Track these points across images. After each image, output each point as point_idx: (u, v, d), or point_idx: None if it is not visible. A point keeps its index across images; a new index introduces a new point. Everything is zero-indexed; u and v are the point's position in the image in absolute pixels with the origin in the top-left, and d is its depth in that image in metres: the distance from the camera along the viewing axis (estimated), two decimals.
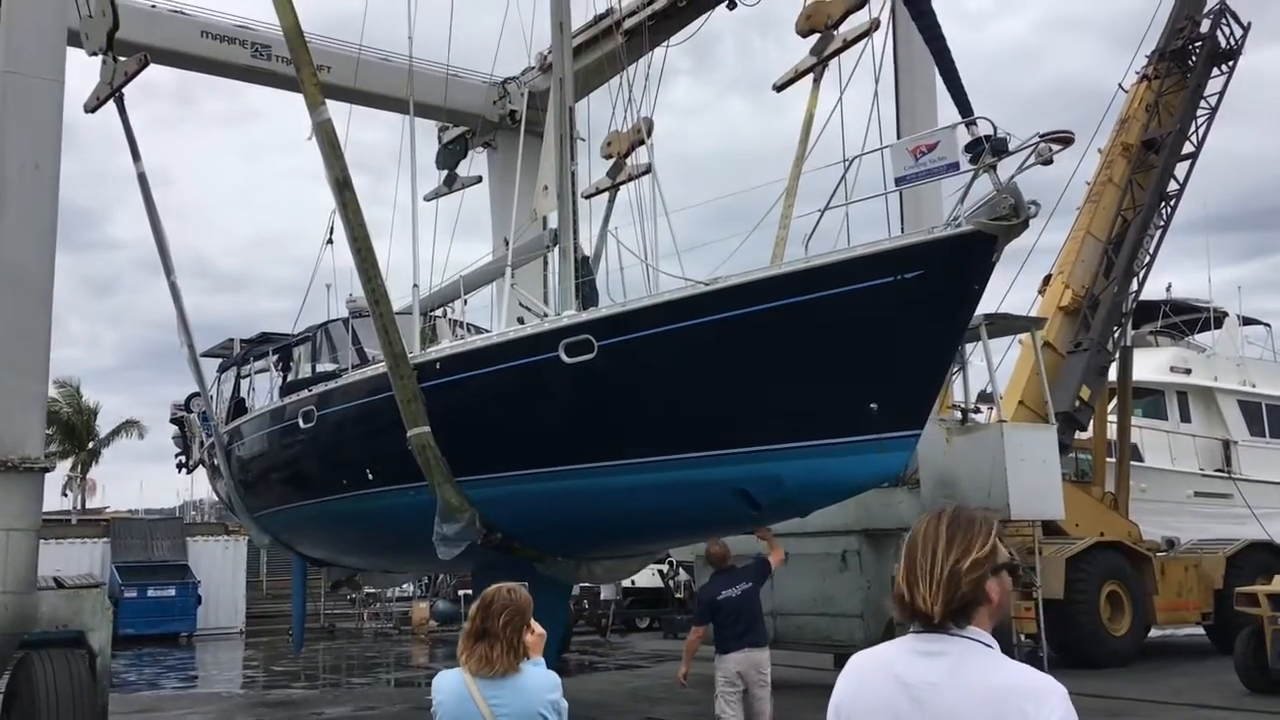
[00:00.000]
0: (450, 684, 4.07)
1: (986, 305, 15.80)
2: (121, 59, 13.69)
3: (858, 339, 8.75)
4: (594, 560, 12.76)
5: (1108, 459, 20.11)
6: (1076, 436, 19.21)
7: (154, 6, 18.05)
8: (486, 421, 10.94)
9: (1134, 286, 20.31)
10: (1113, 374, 19.98)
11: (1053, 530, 17.09)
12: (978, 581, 2.37)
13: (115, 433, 47.19)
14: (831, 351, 8.84)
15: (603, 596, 27.97)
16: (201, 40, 18.57)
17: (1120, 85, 21.53)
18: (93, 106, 14.13)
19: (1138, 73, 21.34)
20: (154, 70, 13.73)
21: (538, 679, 4.08)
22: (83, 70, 13.95)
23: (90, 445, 46.44)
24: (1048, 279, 20.40)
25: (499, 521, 11.02)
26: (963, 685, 2.30)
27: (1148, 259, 20.33)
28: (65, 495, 46.49)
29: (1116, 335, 19.87)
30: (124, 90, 13.77)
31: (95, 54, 13.74)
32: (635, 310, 9.91)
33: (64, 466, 45.29)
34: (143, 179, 14.37)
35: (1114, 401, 20.39)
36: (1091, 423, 19.57)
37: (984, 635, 2.37)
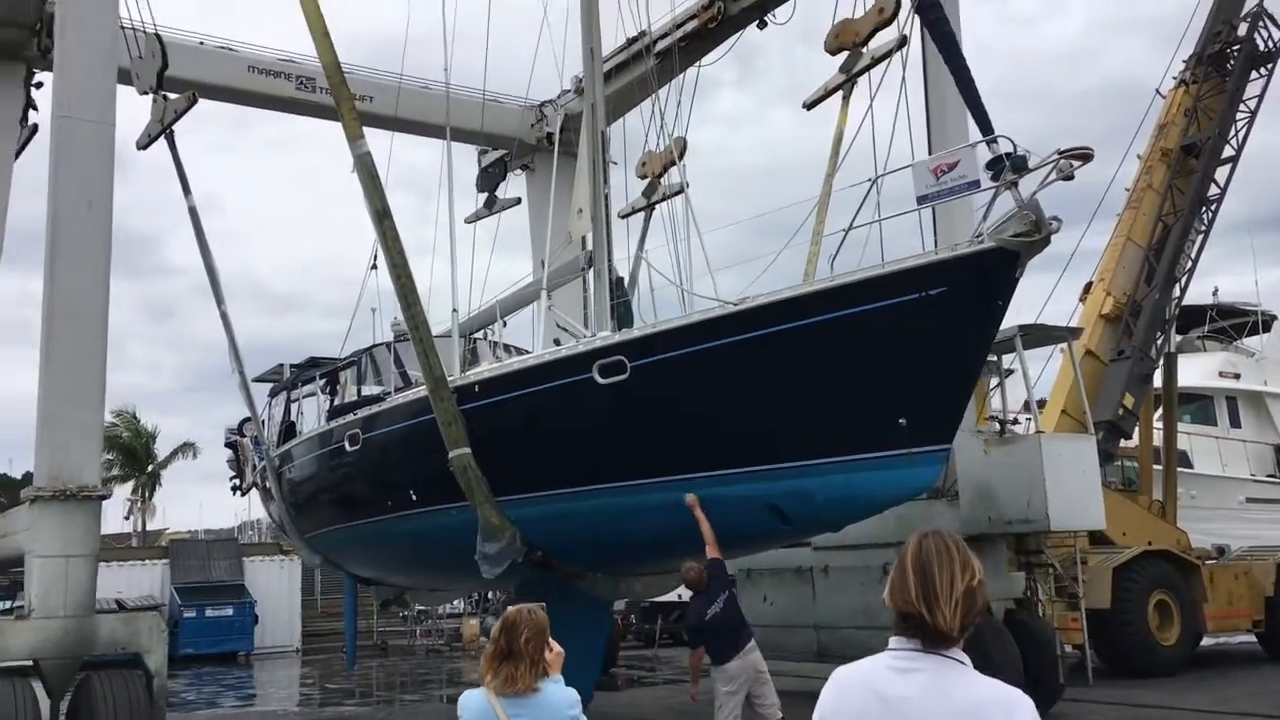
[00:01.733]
0: (475, 703, 4.26)
1: (1027, 313, 15.81)
2: (171, 96, 14.20)
3: (884, 355, 8.87)
4: (633, 576, 12.95)
5: (1155, 466, 19.95)
6: (1122, 444, 19.10)
7: (201, 44, 18.57)
8: (525, 442, 11.18)
9: (1176, 292, 20.13)
10: (1158, 380, 19.82)
11: (1100, 540, 16.99)
12: (985, 601, 2.54)
13: (172, 455, 48.22)
14: (858, 368, 8.98)
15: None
16: (248, 75, 19.07)
17: (1158, 90, 21.41)
18: (145, 144, 14.65)
19: (1175, 77, 21.20)
20: (204, 101, 14.21)
21: (559, 695, 4.27)
22: (134, 104, 14.45)
23: (150, 469, 47.39)
24: (1089, 286, 20.29)
25: (539, 540, 11.25)
26: (938, 699, 2.44)
27: (1189, 264, 20.13)
28: (127, 519, 47.50)
29: (1160, 342, 19.70)
30: (174, 127, 14.31)
31: (146, 93, 14.27)
32: (665, 331, 10.11)
33: (125, 490, 46.27)
34: (193, 212, 14.87)
35: (1160, 408, 20.22)
36: (1137, 430, 19.43)
37: (958, 653, 2.52)
